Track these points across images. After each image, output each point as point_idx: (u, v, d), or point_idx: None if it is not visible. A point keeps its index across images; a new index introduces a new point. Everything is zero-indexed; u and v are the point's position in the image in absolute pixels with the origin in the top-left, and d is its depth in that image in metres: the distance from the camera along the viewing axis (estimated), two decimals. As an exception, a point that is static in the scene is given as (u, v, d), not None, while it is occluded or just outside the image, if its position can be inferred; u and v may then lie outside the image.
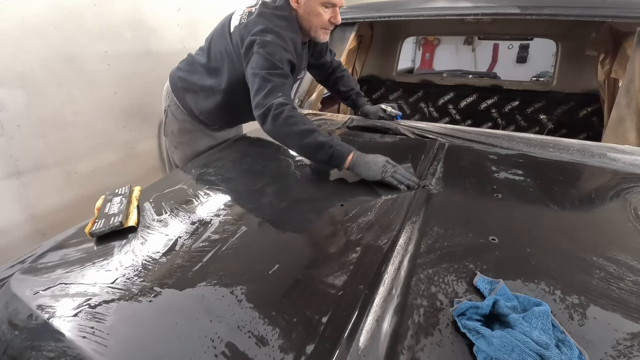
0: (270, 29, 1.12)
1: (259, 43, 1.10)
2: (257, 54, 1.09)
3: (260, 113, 1.06)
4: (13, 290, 0.67)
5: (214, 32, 1.32)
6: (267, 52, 1.08)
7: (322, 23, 1.19)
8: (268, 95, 1.06)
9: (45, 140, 1.62)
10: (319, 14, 1.17)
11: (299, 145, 1.05)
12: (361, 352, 0.48)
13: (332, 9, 1.18)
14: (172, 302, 0.59)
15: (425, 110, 2.69)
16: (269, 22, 1.14)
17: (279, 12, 1.17)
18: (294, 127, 1.03)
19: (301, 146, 1.05)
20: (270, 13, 1.16)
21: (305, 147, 1.04)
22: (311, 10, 1.16)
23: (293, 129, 1.03)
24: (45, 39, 1.54)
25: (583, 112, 2.20)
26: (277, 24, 1.14)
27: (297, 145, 1.07)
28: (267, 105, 1.04)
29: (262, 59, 1.08)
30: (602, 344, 0.49)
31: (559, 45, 2.22)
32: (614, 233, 0.75)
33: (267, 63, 1.08)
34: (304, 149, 1.06)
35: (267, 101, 1.05)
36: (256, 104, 1.08)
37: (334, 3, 1.16)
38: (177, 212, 0.88)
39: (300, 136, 1.03)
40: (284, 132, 1.05)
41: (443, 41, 5.65)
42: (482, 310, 0.52)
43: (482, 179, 0.99)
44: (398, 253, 0.67)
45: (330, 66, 1.56)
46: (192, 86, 1.36)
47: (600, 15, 1.33)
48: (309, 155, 1.09)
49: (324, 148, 1.01)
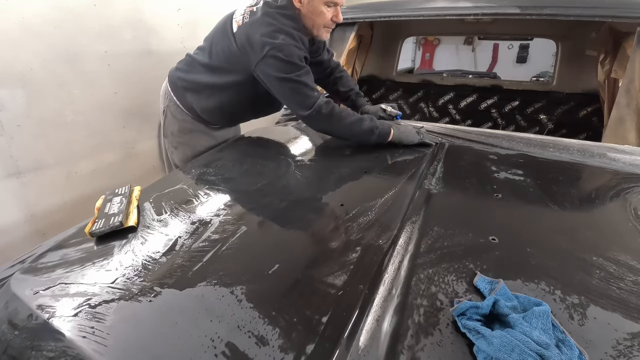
0: (280, 29, 1.14)
1: (273, 47, 1.11)
2: (274, 59, 1.11)
3: (308, 114, 1.16)
4: (13, 290, 0.67)
5: (215, 32, 1.32)
6: (285, 55, 1.11)
7: (324, 22, 1.22)
8: (309, 96, 1.16)
9: (45, 140, 1.62)
10: (321, 12, 1.20)
11: (352, 134, 1.22)
12: (361, 352, 0.48)
13: (334, 7, 1.21)
14: (172, 302, 0.59)
15: (425, 110, 2.69)
16: (276, 21, 1.15)
17: (283, 11, 1.18)
18: (345, 121, 1.20)
19: (354, 134, 1.22)
20: (275, 12, 1.17)
21: (358, 135, 1.22)
22: (314, 9, 1.19)
23: (345, 122, 1.20)
24: (45, 39, 1.54)
25: (583, 112, 2.20)
26: (284, 22, 1.16)
27: (350, 134, 1.23)
28: (315, 107, 1.15)
29: (283, 62, 1.12)
30: (602, 344, 0.48)
31: (559, 45, 2.22)
32: (614, 233, 0.75)
33: (290, 66, 1.13)
34: (357, 136, 1.23)
35: (311, 102, 1.16)
36: (299, 106, 1.17)
37: (335, 2, 1.20)
38: (177, 212, 0.88)
39: (352, 127, 1.20)
40: (339, 127, 1.21)
41: (443, 41, 5.65)
42: (482, 310, 0.52)
43: (482, 179, 0.99)
44: (398, 253, 0.67)
45: (329, 66, 1.56)
46: (194, 85, 1.36)
47: (600, 15, 1.33)
48: (360, 140, 1.24)
49: (373, 131, 1.20)
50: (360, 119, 1.22)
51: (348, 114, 1.21)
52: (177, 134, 1.46)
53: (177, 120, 1.44)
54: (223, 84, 1.30)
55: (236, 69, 1.25)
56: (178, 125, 1.44)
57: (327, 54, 1.55)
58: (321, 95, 1.18)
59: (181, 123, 1.44)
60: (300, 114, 1.18)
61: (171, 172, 1.55)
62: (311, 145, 1.35)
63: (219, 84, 1.30)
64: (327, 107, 1.17)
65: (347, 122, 1.20)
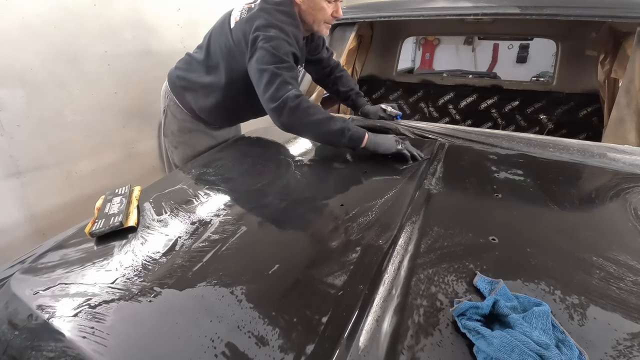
0: (273, 23, 1.14)
1: (263, 38, 1.11)
2: (262, 49, 1.10)
3: (274, 106, 1.08)
4: (13, 290, 0.67)
5: (213, 29, 1.33)
6: (272, 46, 1.10)
7: (325, 17, 1.22)
8: (280, 89, 1.08)
9: (45, 140, 1.62)
10: (322, 8, 1.20)
11: (319, 133, 1.13)
12: (361, 352, 0.48)
13: (334, 3, 1.22)
14: (172, 302, 0.59)
15: (425, 110, 2.69)
16: (271, 16, 1.15)
17: (280, 7, 1.18)
18: (312, 117, 1.10)
19: (321, 134, 1.13)
20: (272, 8, 1.18)
21: (326, 135, 1.12)
22: (315, 4, 1.19)
23: (312, 119, 1.10)
24: (45, 39, 1.54)
25: (583, 112, 2.20)
26: (279, 18, 1.16)
27: (316, 133, 1.14)
28: (283, 98, 1.07)
29: (269, 54, 1.09)
30: (602, 344, 0.48)
31: (559, 45, 2.22)
32: (614, 233, 0.75)
33: (274, 58, 1.09)
34: (324, 136, 1.14)
35: (280, 94, 1.08)
36: (269, 97, 1.09)
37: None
38: (177, 212, 0.88)
39: (319, 125, 1.10)
40: (304, 122, 1.10)
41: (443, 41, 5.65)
42: (482, 311, 0.52)
43: (482, 179, 0.99)
44: (398, 253, 0.67)
45: (329, 65, 1.56)
46: (192, 84, 1.36)
47: (600, 15, 1.33)
48: (328, 141, 1.17)
49: (343, 133, 1.11)
50: (331, 118, 1.12)
51: (317, 111, 1.11)
52: (177, 133, 1.46)
53: (177, 120, 1.44)
54: (220, 82, 1.29)
55: (233, 66, 1.25)
56: (178, 124, 1.45)
57: (327, 52, 1.55)
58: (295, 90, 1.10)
59: (181, 123, 1.44)
60: (268, 106, 1.10)
61: (171, 172, 1.55)
62: (311, 145, 1.35)
63: (217, 82, 1.30)
64: (293, 100, 1.07)
65: (313, 119, 1.09)
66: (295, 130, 1.16)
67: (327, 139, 1.15)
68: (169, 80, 1.44)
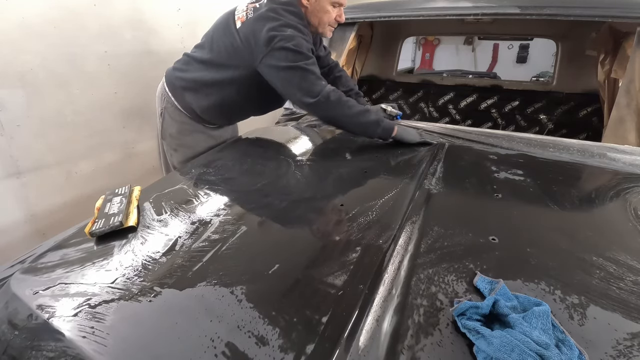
0: (287, 23, 1.17)
1: (282, 38, 1.13)
2: (283, 49, 1.13)
3: (314, 101, 1.15)
4: (13, 290, 0.67)
5: (215, 29, 1.32)
6: (294, 45, 1.13)
7: (329, 20, 1.28)
8: (315, 84, 1.15)
9: (45, 140, 1.62)
10: (327, 11, 1.26)
11: (358, 123, 1.21)
12: (361, 352, 0.48)
13: (338, 8, 1.28)
14: (172, 302, 0.59)
15: (425, 110, 2.69)
16: (282, 17, 1.18)
17: (289, 7, 1.21)
18: (352, 110, 1.19)
19: (360, 124, 1.22)
20: (281, 8, 1.20)
21: (364, 125, 1.22)
22: (321, 7, 1.25)
23: (352, 111, 1.19)
24: (45, 39, 1.54)
25: (583, 112, 2.20)
26: (290, 18, 1.19)
27: (356, 124, 1.22)
28: (323, 93, 1.15)
29: (292, 52, 1.13)
30: (602, 344, 0.48)
31: (559, 45, 2.22)
32: (614, 233, 0.75)
33: (299, 55, 1.14)
34: (362, 126, 1.22)
35: (318, 89, 1.15)
36: (306, 93, 1.15)
37: (340, 3, 1.27)
38: (177, 212, 0.88)
39: (359, 116, 1.20)
40: (345, 114, 1.19)
41: (443, 41, 5.66)
42: (482, 310, 0.52)
43: (482, 179, 0.99)
44: (398, 253, 0.67)
45: (327, 64, 1.56)
46: (193, 84, 1.35)
47: (600, 15, 1.33)
48: (364, 131, 1.25)
49: (379, 124, 1.21)
50: (367, 110, 1.23)
51: (355, 103, 1.22)
52: (176, 135, 1.45)
53: (175, 122, 1.43)
54: (223, 80, 1.29)
55: (237, 64, 1.25)
56: (177, 127, 1.43)
57: (324, 50, 1.55)
58: (328, 84, 1.19)
59: (180, 125, 1.43)
60: (307, 101, 1.17)
61: (171, 172, 1.53)
62: (311, 145, 1.35)
63: (219, 80, 1.30)
64: (334, 95, 1.17)
65: (354, 111, 1.19)
66: (335, 122, 1.25)
67: (364, 130, 1.24)
68: (167, 82, 1.42)
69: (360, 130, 1.25)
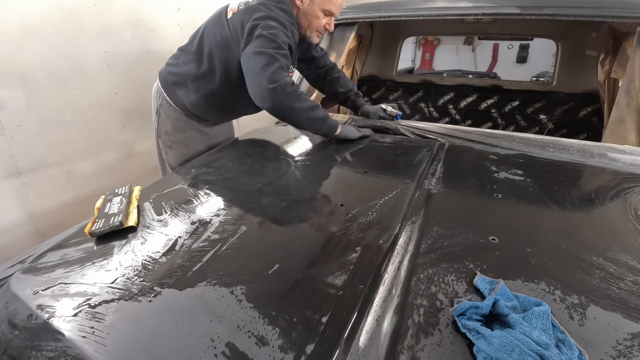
0: (273, 16, 1.19)
1: (262, 27, 1.16)
2: (261, 36, 1.15)
3: (272, 87, 1.14)
4: (13, 290, 0.67)
5: (208, 21, 1.34)
6: (271, 33, 1.15)
7: (318, 26, 1.31)
8: (278, 72, 1.14)
9: (45, 140, 1.62)
10: (318, 17, 1.28)
11: (307, 118, 1.23)
12: (361, 352, 0.48)
13: (329, 17, 1.31)
14: (172, 302, 0.59)
15: (425, 110, 2.69)
16: (270, 10, 1.20)
17: (280, 5, 1.23)
18: (304, 104, 1.21)
19: (309, 119, 1.24)
20: (272, 4, 1.22)
21: (312, 120, 1.24)
22: (312, 12, 1.27)
23: (304, 105, 1.21)
24: (45, 39, 1.54)
25: (583, 112, 2.20)
26: (278, 13, 1.21)
27: (304, 118, 1.24)
28: (281, 82, 1.14)
29: (268, 40, 1.15)
30: (602, 344, 0.48)
31: (559, 45, 2.22)
32: (614, 233, 0.75)
33: (273, 43, 1.15)
34: (310, 122, 1.25)
35: (278, 77, 1.14)
36: (266, 78, 1.14)
37: (332, 13, 1.29)
38: (177, 212, 0.88)
39: (309, 111, 1.22)
40: (295, 107, 1.20)
41: (443, 41, 5.66)
42: (482, 310, 0.52)
43: (482, 179, 0.99)
44: (398, 253, 0.67)
45: (324, 65, 1.56)
46: (183, 78, 1.36)
47: (600, 15, 1.33)
48: (312, 126, 1.28)
49: (326, 120, 1.26)
50: (318, 106, 1.25)
51: (307, 98, 1.23)
52: (171, 132, 1.45)
53: (170, 119, 1.43)
54: (212, 74, 1.31)
55: (227, 56, 1.27)
56: (172, 124, 1.43)
57: (320, 51, 1.55)
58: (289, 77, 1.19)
59: (174, 122, 1.43)
60: (267, 86, 1.13)
61: (171, 172, 1.52)
62: (311, 145, 1.35)
63: (208, 74, 1.31)
64: (291, 87, 1.17)
65: (306, 105, 1.21)
66: (284, 113, 1.23)
67: (312, 124, 1.26)
68: (160, 78, 1.43)
69: (309, 124, 1.27)
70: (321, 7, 1.26)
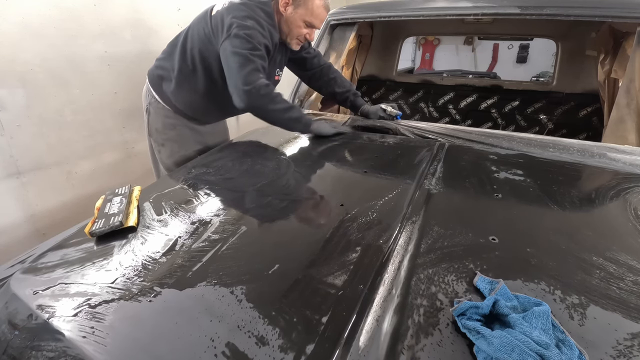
0: (252, 16, 1.21)
1: (238, 26, 1.18)
2: (236, 36, 1.18)
3: (247, 89, 1.18)
4: (13, 290, 0.67)
5: (196, 18, 1.37)
6: (246, 34, 1.17)
7: (299, 34, 1.33)
8: (253, 74, 1.18)
9: (45, 140, 1.62)
10: (299, 26, 1.31)
11: (282, 118, 1.29)
12: (361, 352, 0.48)
13: (310, 29, 1.33)
14: (172, 302, 0.59)
15: (425, 110, 2.69)
16: (250, 10, 1.22)
17: (262, 6, 1.25)
18: (279, 105, 1.26)
19: (282, 119, 1.29)
20: (254, 4, 1.24)
21: (286, 120, 1.30)
22: (294, 20, 1.29)
23: (279, 107, 1.26)
24: (45, 39, 1.54)
25: (583, 112, 2.20)
26: (258, 13, 1.23)
27: (279, 119, 1.29)
28: (255, 84, 1.18)
29: (243, 40, 1.17)
30: (602, 344, 0.48)
31: (559, 45, 2.22)
32: (614, 233, 0.75)
33: (248, 44, 1.18)
34: (284, 122, 1.31)
35: (253, 79, 1.18)
36: (241, 79, 1.17)
37: (313, 25, 1.32)
38: (177, 212, 0.88)
39: (284, 112, 1.27)
40: (270, 108, 1.25)
41: (443, 41, 5.66)
42: (482, 310, 0.52)
43: (482, 179, 0.99)
44: (398, 253, 0.67)
45: (318, 65, 1.55)
46: (168, 72, 1.37)
47: (600, 15, 1.33)
48: (286, 126, 1.33)
49: (300, 120, 1.31)
50: (292, 107, 1.29)
51: (282, 99, 1.27)
52: (161, 130, 1.45)
53: (159, 117, 1.43)
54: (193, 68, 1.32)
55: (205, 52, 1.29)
56: (161, 121, 1.44)
57: (312, 52, 1.54)
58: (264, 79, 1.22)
59: (164, 119, 1.43)
60: (243, 88, 1.18)
61: (167, 172, 1.51)
62: (311, 145, 1.35)
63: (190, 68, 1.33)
64: (265, 89, 1.21)
65: (280, 107, 1.26)
66: (259, 114, 1.28)
67: (286, 125, 1.32)
68: (148, 76, 1.45)
69: (283, 124, 1.32)
70: (303, 18, 1.29)
